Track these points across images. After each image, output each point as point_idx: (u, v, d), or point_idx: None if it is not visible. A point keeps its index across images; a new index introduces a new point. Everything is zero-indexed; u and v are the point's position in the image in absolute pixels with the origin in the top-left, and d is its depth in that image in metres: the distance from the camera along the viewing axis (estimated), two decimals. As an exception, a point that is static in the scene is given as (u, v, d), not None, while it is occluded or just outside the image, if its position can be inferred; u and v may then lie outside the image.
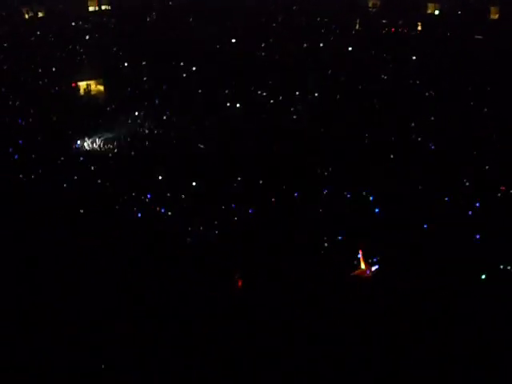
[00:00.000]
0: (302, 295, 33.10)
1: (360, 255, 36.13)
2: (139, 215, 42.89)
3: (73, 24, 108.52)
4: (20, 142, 57.08)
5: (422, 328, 30.50)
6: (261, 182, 47.60)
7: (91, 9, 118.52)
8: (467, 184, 47.11)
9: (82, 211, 43.20)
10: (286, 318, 31.32)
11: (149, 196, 45.60)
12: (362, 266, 36.03)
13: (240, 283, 34.54)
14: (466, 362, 28.23)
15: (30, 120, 63.79)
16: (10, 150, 55.00)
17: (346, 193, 45.29)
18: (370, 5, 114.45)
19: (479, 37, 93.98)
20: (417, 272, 34.62)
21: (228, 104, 66.99)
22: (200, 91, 71.34)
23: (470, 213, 42.34)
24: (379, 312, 31.68)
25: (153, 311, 31.89)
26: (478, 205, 43.24)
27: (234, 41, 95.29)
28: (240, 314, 31.88)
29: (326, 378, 27.93)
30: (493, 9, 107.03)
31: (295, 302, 32.55)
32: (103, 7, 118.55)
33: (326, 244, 38.72)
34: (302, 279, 34.49)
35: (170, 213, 43.37)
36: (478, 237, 38.85)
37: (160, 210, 43.71)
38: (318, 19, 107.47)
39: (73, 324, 30.77)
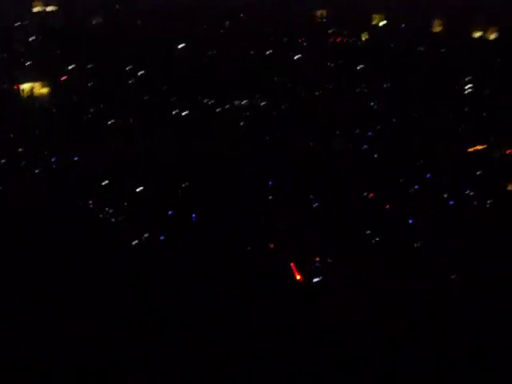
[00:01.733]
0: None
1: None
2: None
3: (16, 24, 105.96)
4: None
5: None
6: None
7: (36, 9, 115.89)
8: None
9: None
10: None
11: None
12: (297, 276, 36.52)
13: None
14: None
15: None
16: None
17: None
18: (318, 15, 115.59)
19: (421, 48, 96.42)
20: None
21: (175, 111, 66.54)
22: (146, 96, 70.64)
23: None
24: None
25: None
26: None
27: (181, 46, 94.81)
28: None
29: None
30: (436, 21, 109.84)
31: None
32: (48, 8, 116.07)
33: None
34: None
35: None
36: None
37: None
38: (266, 28, 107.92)
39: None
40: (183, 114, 64.33)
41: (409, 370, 28.92)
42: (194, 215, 43.38)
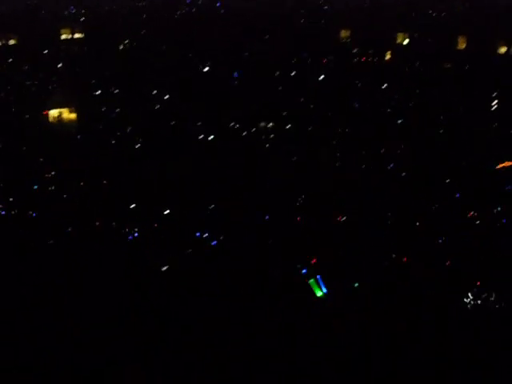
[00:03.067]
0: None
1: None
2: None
3: (45, 52, 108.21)
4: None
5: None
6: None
7: (64, 37, 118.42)
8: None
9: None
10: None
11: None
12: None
13: None
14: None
15: (1, 146, 63.41)
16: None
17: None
18: (342, 35, 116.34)
19: (448, 65, 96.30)
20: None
21: (202, 135, 66.83)
22: (173, 121, 71.27)
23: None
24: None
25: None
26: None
27: (206, 69, 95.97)
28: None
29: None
30: (460, 38, 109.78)
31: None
32: (76, 35, 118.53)
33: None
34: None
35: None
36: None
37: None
38: (292, 50, 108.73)
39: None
40: (209, 138, 64.61)
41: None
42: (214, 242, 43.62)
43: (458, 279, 37.68)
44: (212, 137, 65.67)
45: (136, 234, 44.65)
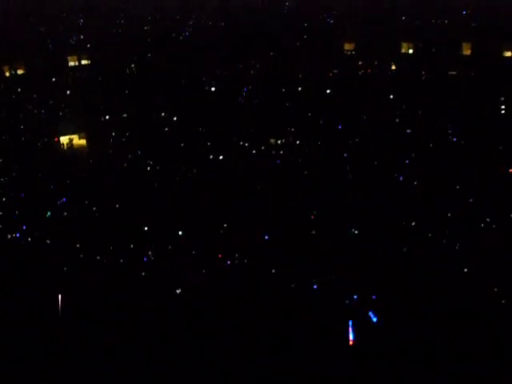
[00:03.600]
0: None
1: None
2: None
3: (53, 80, 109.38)
4: (3, 199, 57.21)
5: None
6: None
7: (71, 64, 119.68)
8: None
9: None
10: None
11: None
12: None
13: None
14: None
15: (14, 175, 63.96)
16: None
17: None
18: (346, 48, 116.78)
19: (453, 72, 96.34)
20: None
21: (212, 155, 67.05)
22: (183, 143, 71.63)
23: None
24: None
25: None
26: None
27: (213, 89, 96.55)
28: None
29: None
30: (465, 45, 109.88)
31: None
32: (83, 62, 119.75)
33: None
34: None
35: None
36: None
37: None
38: (296, 64, 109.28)
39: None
40: (220, 157, 64.84)
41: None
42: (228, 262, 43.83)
43: (473, 285, 37.56)
44: (221, 157, 65.90)
45: (151, 257, 44.87)
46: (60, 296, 38.87)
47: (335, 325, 34.70)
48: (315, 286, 39.31)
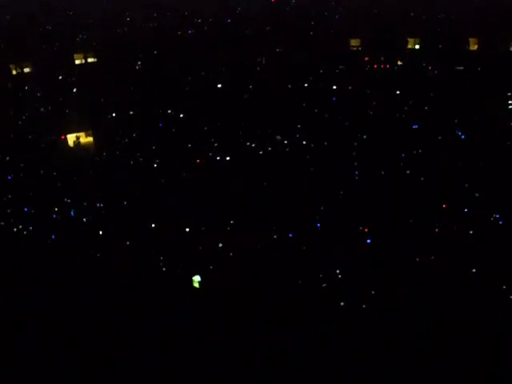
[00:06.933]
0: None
1: None
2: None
3: (60, 77, 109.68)
4: (9, 196, 57.42)
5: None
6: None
7: (78, 62, 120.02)
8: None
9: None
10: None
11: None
12: None
13: None
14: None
15: (21, 175, 64.09)
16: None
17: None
18: (352, 44, 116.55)
19: (460, 67, 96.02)
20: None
21: (218, 157, 67.02)
22: (190, 141, 71.61)
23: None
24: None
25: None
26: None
27: (219, 86, 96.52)
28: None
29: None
30: (472, 40, 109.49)
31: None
32: (89, 60, 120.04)
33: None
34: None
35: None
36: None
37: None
38: (302, 60, 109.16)
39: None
40: (227, 158, 64.78)
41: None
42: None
43: (484, 284, 37.45)
44: (228, 158, 65.82)
45: (159, 255, 44.94)
46: (68, 293, 39.09)
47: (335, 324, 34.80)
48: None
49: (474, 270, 39.36)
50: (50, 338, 33.62)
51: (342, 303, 36.15)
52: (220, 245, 45.30)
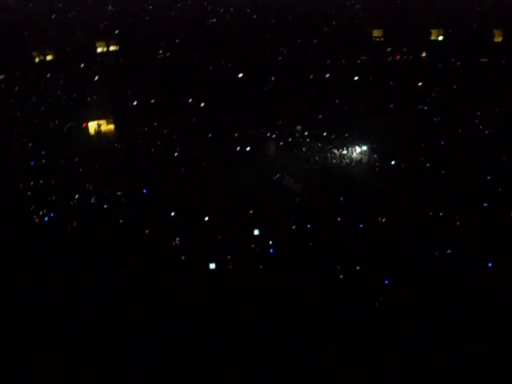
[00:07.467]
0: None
1: None
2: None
3: (82, 66, 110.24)
4: (32, 183, 57.97)
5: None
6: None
7: (100, 50, 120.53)
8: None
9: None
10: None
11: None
12: None
13: None
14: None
15: (43, 161, 64.63)
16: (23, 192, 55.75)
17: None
18: (375, 34, 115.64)
19: (484, 60, 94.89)
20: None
21: (240, 146, 66.75)
22: (210, 131, 71.52)
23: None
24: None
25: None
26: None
27: (240, 75, 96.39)
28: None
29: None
30: (496, 32, 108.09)
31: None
32: (111, 48, 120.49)
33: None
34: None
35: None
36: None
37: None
38: (323, 50, 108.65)
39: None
40: (247, 149, 64.54)
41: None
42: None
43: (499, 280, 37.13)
44: (249, 148, 65.59)
45: (177, 241, 45.16)
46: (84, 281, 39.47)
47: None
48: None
49: (490, 265, 39.02)
50: (63, 327, 33.91)
51: (350, 300, 36.09)
52: (238, 235, 45.33)
